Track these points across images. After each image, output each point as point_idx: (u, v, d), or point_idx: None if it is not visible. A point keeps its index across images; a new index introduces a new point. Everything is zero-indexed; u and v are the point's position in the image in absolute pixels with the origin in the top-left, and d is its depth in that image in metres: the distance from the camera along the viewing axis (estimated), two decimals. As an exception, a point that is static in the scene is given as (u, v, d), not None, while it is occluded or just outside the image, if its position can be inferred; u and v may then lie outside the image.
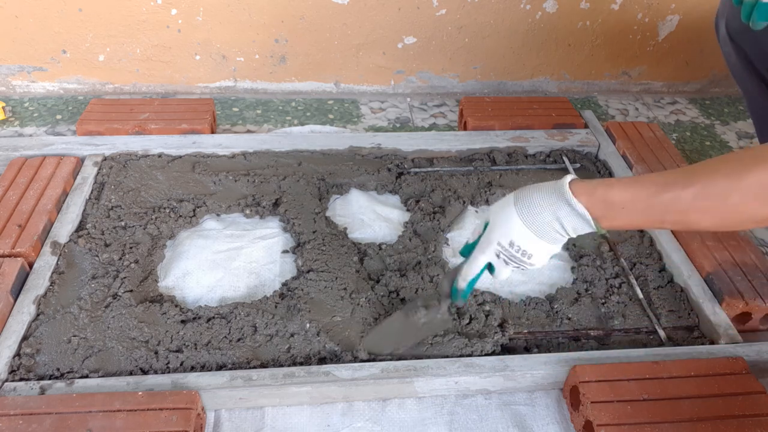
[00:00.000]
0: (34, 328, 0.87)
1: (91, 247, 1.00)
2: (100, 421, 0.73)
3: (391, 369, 0.83)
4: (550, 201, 0.70)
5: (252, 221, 1.12)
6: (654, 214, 0.66)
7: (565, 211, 0.69)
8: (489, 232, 0.75)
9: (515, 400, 0.86)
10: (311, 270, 0.99)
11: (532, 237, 0.71)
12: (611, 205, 0.68)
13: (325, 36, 1.53)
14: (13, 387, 0.78)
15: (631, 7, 1.57)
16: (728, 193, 0.61)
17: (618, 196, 0.67)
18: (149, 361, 0.84)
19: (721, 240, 1.05)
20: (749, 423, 0.76)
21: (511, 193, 0.74)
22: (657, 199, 0.66)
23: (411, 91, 1.66)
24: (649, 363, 0.84)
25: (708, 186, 0.62)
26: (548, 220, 0.70)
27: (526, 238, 0.71)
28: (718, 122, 1.61)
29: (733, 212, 0.62)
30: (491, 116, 1.38)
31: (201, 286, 0.98)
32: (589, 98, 1.70)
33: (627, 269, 1.02)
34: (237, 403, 0.81)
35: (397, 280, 0.98)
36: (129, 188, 1.13)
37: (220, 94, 1.59)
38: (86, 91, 1.55)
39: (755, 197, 0.60)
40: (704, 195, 0.63)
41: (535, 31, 1.58)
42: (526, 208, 0.71)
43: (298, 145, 1.26)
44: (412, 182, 1.20)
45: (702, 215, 0.64)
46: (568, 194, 0.69)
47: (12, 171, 1.12)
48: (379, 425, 0.81)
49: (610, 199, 0.68)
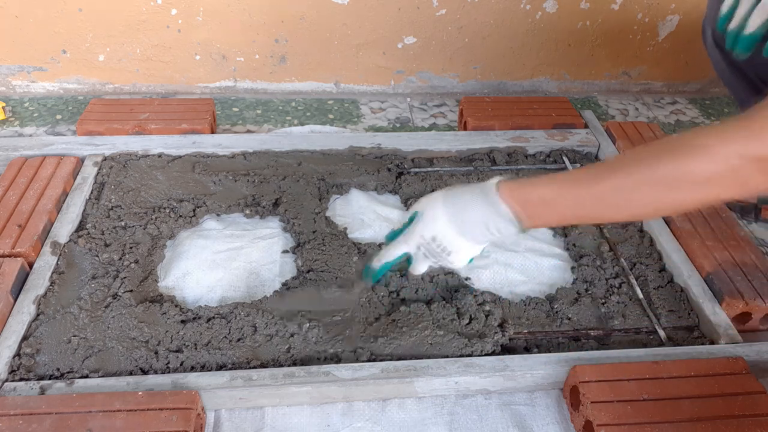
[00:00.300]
0: (34, 328, 0.87)
1: (91, 247, 1.00)
2: (100, 421, 0.73)
3: (391, 369, 0.83)
4: (476, 201, 0.72)
5: (252, 221, 1.12)
6: (575, 209, 0.68)
7: (490, 211, 0.71)
8: (414, 224, 0.77)
9: (515, 400, 0.86)
10: (311, 270, 0.99)
11: (454, 235, 0.73)
12: (535, 203, 0.70)
13: (325, 36, 1.53)
14: (13, 387, 0.78)
15: (631, 7, 1.57)
16: (638, 186, 0.63)
17: (541, 195, 0.69)
18: (149, 361, 0.84)
19: (721, 240, 1.05)
20: (749, 423, 0.76)
21: (441, 190, 0.77)
22: (577, 194, 0.67)
23: (411, 91, 1.66)
24: (649, 363, 0.84)
25: (622, 178, 0.64)
26: (473, 219, 0.72)
27: (449, 235, 0.74)
28: (718, 122, 1.61)
29: (640, 205, 0.64)
30: (491, 116, 1.38)
31: (201, 286, 0.98)
32: (589, 98, 1.70)
33: (627, 269, 1.02)
34: (237, 403, 0.81)
35: (397, 280, 0.98)
36: (129, 188, 1.13)
37: (220, 94, 1.59)
38: (86, 91, 1.55)
39: (664, 188, 0.62)
40: (619, 187, 0.64)
41: (535, 31, 1.58)
42: (452, 206, 0.74)
43: (298, 145, 1.26)
44: (412, 182, 1.20)
45: (615, 209, 0.66)
46: (493, 195, 0.71)
47: (12, 171, 1.12)
48: (379, 425, 0.81)
49: (534, 197, 0.70)
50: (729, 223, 1.09)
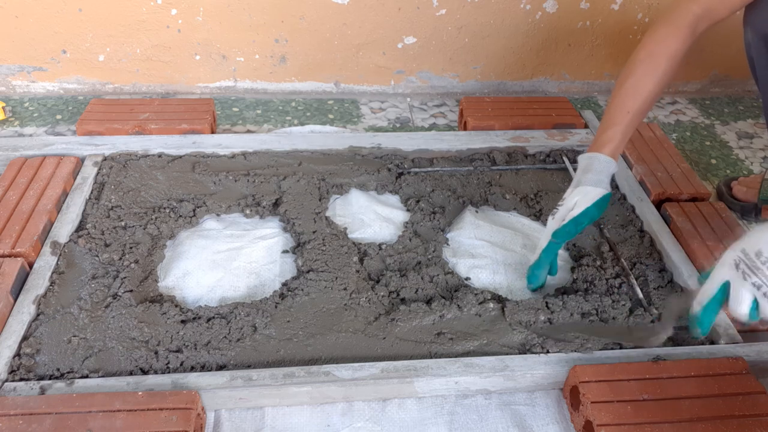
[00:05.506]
0: (34, 328, 0.87)
1: (91, 247, 1.00)
2: (100, 421, 0.73)
3: (391, 369, 0.83)
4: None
5: (252, 221, 1.12)
6: None
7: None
8: (733, 246, 0.70)
9: (515, 400, 0.86)
10: (311, 270, 0.99)
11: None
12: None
13: (325, 36, 1.53)
14: (13, 387, 0.78)
15: (631, 7, 1.57)
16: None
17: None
18: (149, 361, 0.84)
19: (721, 240, 1.05)
20: (749, 423, 0.76)
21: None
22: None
23: (411, 91, 1.66)
24: (649, 363, 0.84)
25: None
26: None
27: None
28: (718, 122, 1.61)
29: None
30: (491, 116, 1.38)
31: (201, 286, 0.98)
32: (589, 98, 1.70)
33: (627, 269, 1.02)
34: (237, 403, 0.81)
35: (397, 280, 0.98)
36: (129, 188, 1.13)
37: (220, 94, 1.59)
38: (86, 91, 1.55)
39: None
40: None
41: (535, 31, 1.58)
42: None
43: (298, 145, 1.26)
44: (412, 182, 1.20)
45: None
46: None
47: (12, 171, 1.12)
48: (379, 425, 0.81)
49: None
50: (729, 223, 1.10)
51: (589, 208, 0.89)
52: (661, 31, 0.93)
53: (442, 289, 0.98)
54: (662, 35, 0.93)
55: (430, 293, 0.96)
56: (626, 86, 0.93)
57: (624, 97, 0.93)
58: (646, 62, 0.92)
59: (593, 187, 0.90)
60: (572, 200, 0.91)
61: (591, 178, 0.91)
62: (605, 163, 0.92)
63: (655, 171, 1.22)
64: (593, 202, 0.89)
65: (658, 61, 0.92)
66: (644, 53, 0.93)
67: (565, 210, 0.91)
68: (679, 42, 0.92)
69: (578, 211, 0.90)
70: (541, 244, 0.95)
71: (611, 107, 0.94)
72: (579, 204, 0.90)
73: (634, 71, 0.93)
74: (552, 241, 0.93)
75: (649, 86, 0.92)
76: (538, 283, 0.98)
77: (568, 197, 0.92)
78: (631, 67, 0.94)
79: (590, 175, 0.91)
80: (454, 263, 1.04)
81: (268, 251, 1.05)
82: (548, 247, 0.94)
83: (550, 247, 0.94)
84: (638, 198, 1.17)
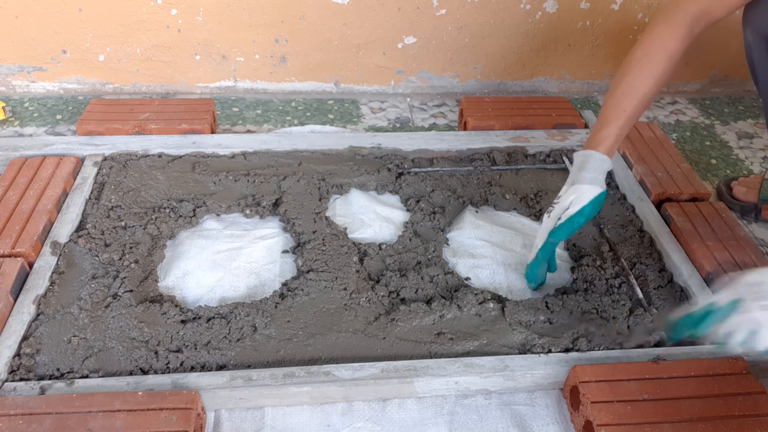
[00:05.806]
0: (34, 328, 0.87)
1: (91, 247, 1.00)
2: (100, 421, 0.73)
3: (391, 369, 0.83)
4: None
5: (252, 221, 1.12)
6: None
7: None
8: None
9: (515, 400, 0.86)
10: (311, 270, 0.99)
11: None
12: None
13: (325, 36, 1.53)
14: (13, 387, 0.78)
15: (631, 7, 1.57)
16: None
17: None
18: (149, 361, 0.84)
19: (721, 240, 1.05)
20: (749, 423, 0.76)
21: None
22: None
23: (411, 91, 1.66)
24: (649, 363, 0.84)
25: None
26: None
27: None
28: (718, 122, 1.61)
29: None
30: (491, 116, 1.38)
31: (201, 286, 0.98)
32: (589, 98, 1.70)
33: (627, 269, 1.02)
34: (237, 403, 0.81)
35: (397, 280, 0.98)
36: (129, 188, 1.13)
37: (220, 94, 1.59)
38: (86, 91, 1.55)
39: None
40: None
41: (535, 31, 1.58)
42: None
43: (298, 145, 1.26)
44: (412, 182, 1.20)
45: None
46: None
47: (12, 171, 1.12)
48: (379, 425, 0.81)
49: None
50: (729, 223, 1.10)
51: (585, 206, 0.89)
52: (659, 30, 0.93)
53: (442, 289, 0.98)
54: (659, 34, 0.93)
55: (430, 293, 0.97)
56: (622, 85, 0.93)
57: (620, 96, 0.93)
58: (643, 61, 0.92)
59: (589, 185, 0.90)
60: (568, 199, 0.91)
61: (586, 176, 0.91)
62: (600, 161, 0.91)
63: (655, 171, 1.22)
64: (589, 201, 0.89)
65: (655, 60, 0.92)
66: (641, 52, 0.93)
67: (560, 208, 0.91)
68: (676, 42, 0.92)
69: (574, 209, 0.89)
70: (537, 242, 0.95)
71: (607, 106, 0.94)
72: (575, 203, 0.90)
73: (631, 70, 0.93)
74: (548, 240, 0.93)
75: (646, 86, 0.92)
76: (537, 281, 0.98)
77: (563, 195, 0.92)
78: (628, 67, 0.93)
79: (585, 173, 0.91)
80: (454, 263, 1.04)
81: (268, 251, 1.05)
82: (545, 246, 0.93)
83: (547, 246, 0.93)
84: (638, 198, 1.17)
